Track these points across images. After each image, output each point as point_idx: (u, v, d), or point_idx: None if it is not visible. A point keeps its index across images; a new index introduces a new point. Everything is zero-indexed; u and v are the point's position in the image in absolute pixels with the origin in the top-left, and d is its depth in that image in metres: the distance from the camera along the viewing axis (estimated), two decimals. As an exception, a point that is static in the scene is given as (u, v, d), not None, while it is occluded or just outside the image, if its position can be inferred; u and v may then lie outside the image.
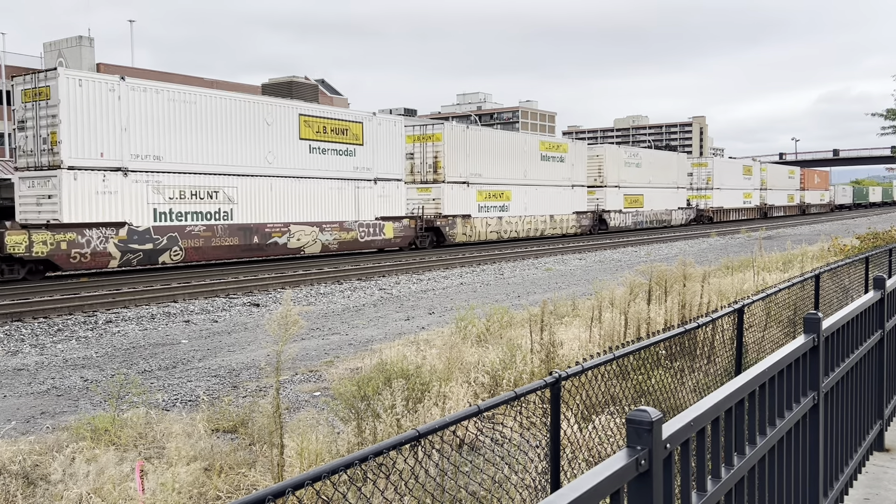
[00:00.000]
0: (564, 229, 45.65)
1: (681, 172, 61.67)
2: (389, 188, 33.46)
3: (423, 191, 37.68)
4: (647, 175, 55.99)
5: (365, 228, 31.96)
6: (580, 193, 47.85)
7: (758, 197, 77.23)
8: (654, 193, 56.97)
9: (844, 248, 21.01)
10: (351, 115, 31.85)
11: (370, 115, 32.71)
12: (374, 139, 32.52)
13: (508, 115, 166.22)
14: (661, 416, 2.11)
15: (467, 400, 7.38)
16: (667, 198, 59.17)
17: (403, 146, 34.66)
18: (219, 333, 13.65)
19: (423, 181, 37.86)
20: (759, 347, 6.61)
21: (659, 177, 57.81)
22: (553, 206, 45.00)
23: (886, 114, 39.56)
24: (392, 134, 33.67)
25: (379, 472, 2.57)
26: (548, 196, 44.50)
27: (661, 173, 58.14)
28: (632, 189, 54.23)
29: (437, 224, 36.36)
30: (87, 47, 53.89)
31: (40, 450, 6.56)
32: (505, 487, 4.02)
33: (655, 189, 57.15)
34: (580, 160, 47.99)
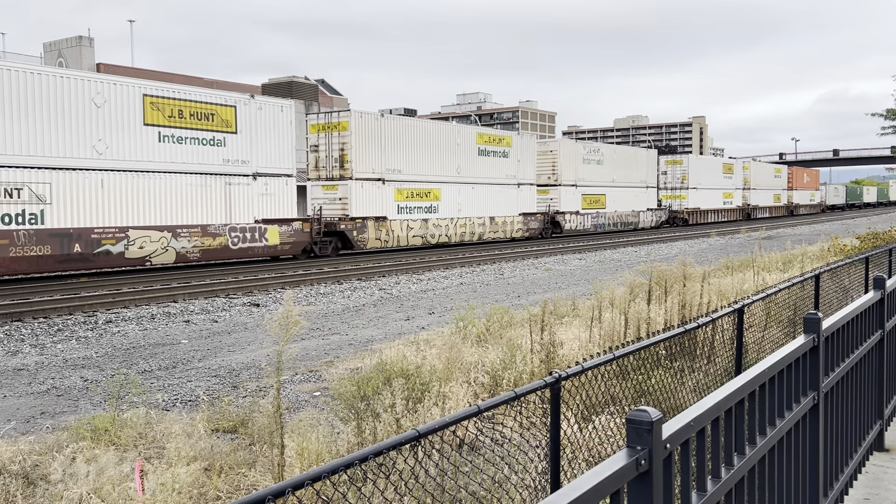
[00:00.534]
0: (509, 233, 40.77)
1: (650, 170, 56.62)
2: (275, 185, 28.01)
3: (328, 189, 32.33)
4: (611, 173, 51.29)
5: (239, 233, 26.43)
6: (528, 193, 42.71)
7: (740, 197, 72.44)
8: (618, 193, 52.13)
9: (844, 248, 21.01)
10: (219, 98, 26.30)
11: (246, 98, 27.18)
12: (252, 126, 27.05)
13: (508, 116, 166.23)
14: (661, 416, 2.11)
15: (467, 400, 7.39)
16: (634, 198, 54.28)
17: (293, 135, 28.96)
18: (219, 333, 13.65)
19: (329, 178, 32.34)
20: (759, 347, 6.61)
21: (624, 175, 53.01)
22: (494, 207, 39.87)
23: (886, 114, 39.56)
24: (278, 121, 28.15)
25: (379, 472, 2.57)
26: (488, 196, 39.41)
27: (627, 171, 53.33)
28: (592, 188, 49.36)
29: (342, 227, 30.95)
30: (87, 47, 53.90)
31: (40, 450, 6.56)
32: (505, 487, 4.02)
33: (620, 188, 52.37)
34: (528, 156, 42.96)
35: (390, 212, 33.59)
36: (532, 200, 43.34)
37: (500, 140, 41.06)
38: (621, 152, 54.14)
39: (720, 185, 67.65)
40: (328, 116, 32.51)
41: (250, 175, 27.13)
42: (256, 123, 27.35)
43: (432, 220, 35.86)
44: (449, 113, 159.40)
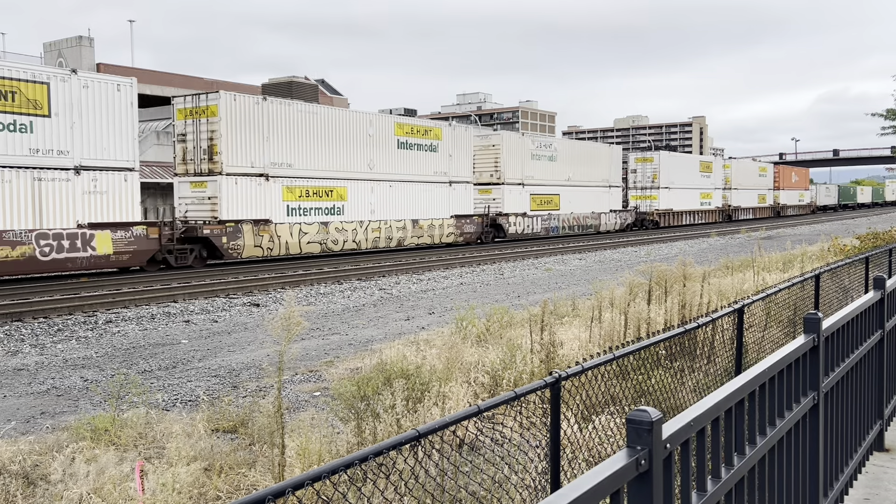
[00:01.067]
0: (438, 237, 35.73)
1: (614, 168, 51.91)
2: (109, 182, 22.87)
3: (196, 186, 26.88)
4: (566, 171, 46.30)
5: (53, 241, 21.35)
6: (462, 192, 37.61)
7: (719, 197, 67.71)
8: (575, 193, 47.12)
9: (844, 248, 21.01)
10: (23, 72, 21.17)
11: (65, 73, 22.11)
12: (73, 109, 21.96)
13: (508, 116, 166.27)
14: (661, 416, 2.11)
15: (467, 400, 7.39)
16: (594, 198, 49.42)
17: (133, 119, 23.52)
18: (219, 333, 13.65)
19: (197, 173, 26.85)
20: (759, 347, 6.61)
21: (583, 173, 48.06)
22: (419, 209, 34.67)
23: (886, 114, 39.56)
24: (113, 102, 22.91)
25: (379, 472, 2.57)
26: (410, 195, 34.29)
27: (585, 169, 48.37)
28: (543, 187, 44.14)
29: (206, 233, 25.53)
30: (87, 47, 53.89)
31: (40, 450, 6.56)
32: (505, 487, 4.02)
33: (577, 188, 47.34)
34: (462, 150, 37.75)
35: (276, 214, 28.16)
36: (468, 201, 38.24)
37: (427, 131, 35.58)
38: (579, 148, 49.48)
39: (697, 185, 63.07)
40: (195, 99, 26.95)
41: (71, 169, 21.98)
42: (80, 105, 22.19)
43: (335, 224, 30.37)
44: (449, 113, 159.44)
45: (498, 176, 41.44)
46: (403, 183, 34.10)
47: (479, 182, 41.05)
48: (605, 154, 51.30)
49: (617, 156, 52.74)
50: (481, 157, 41.40)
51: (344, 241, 30.80)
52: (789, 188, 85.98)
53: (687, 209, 61.08)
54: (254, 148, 27.39)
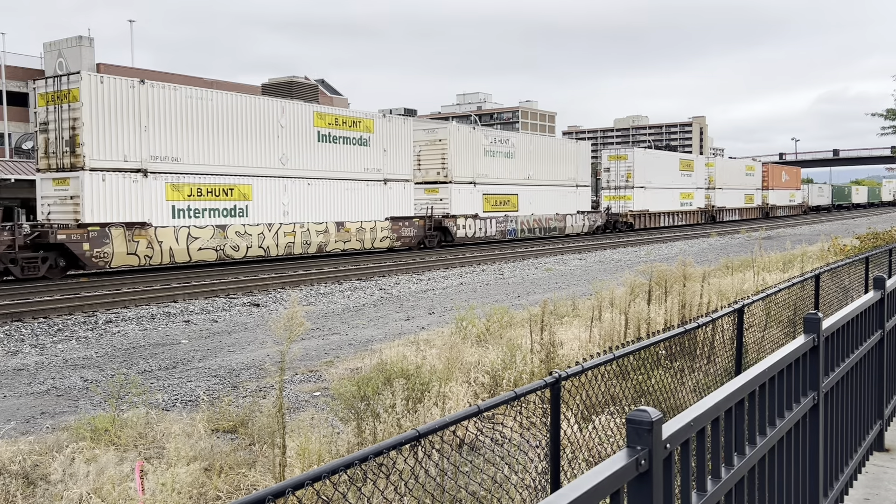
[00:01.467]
0: (368, 242, 31.68)
1: (582, 166, 48.04)
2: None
3: (58, 184, 23.14)
4: (525, 168, 42.39)
5: None
6: (400, 192, 33.50)
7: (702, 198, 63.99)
8: (536, 193, 43.06)
9: (844, 248, 21.01)
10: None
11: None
12: None
13: (508, 116, 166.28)
14: (661, 416, 2.11)
15: (467, 400, 7.39)
16: (560, 199, 45.53)
17: None
18: (219, 333, 13.65)
19: (59, 167, 23.17)
20: (759, 347, 6.61)
21: (546, 171, 44.12)
22: (345, 210, 30.72)
23: (886, 114, 39.56)
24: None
25: (379, 472, 2.57)
26: (334, 195, 30.32)
27: (549, 167, 44.40)
28: (498, 186, 40.31)
29: (62, 238, 21.82)
30: (87, 47, 53.88)
31: (40, 450, 6.56)
32: (505, 487, 4.02)
33: (539, 187, 43.34)
34: (399, 144, 33.54)
35: (158, 216, 24.27)
36: (406, 201, 34.12)
37: (355, 123, 31.24)
38: (541, 144, 45.25)
39: (676, 184, 59.43)
40: (57, 82, 23.21)
41: None
42: None
43: (236, 228, 26.41)
44: (449, 113, 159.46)
45: (446, 174, 37.25)
46: (325, 181, 30.00)
47: (426, 181, 37.18)
48: (571, 151, 47.39)
49: (585, 153, 49.04)
50: (427, 152, 37.37)
51: (248, 247, 26.84)
52: (779, 188, 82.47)
53: (665, 210, 57.42)
54: (128, 139, 23.58)
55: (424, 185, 37.18)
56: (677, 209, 59.74)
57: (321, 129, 29.95)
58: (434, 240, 35.63)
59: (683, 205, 60.89)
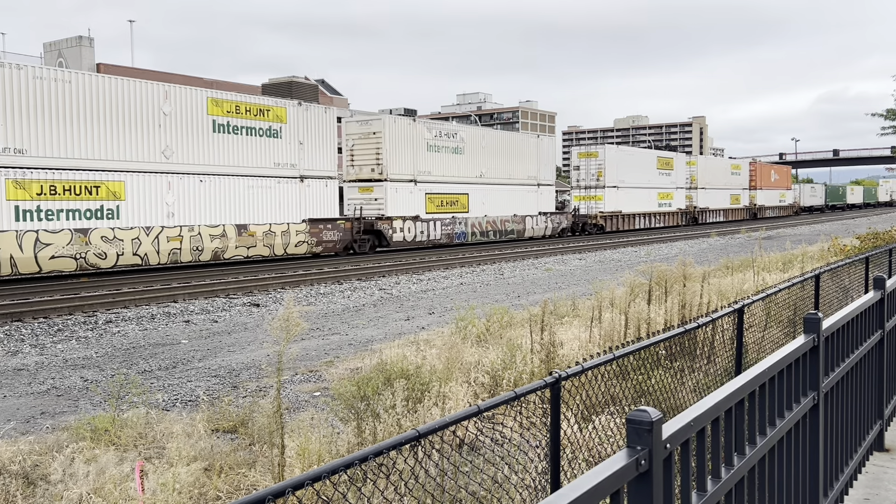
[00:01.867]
0: (280, 247, 27.63)
1: (545, 164, 43.94)
2: None
3: None
4: (477, 165, 38.60)
5: None
6: (321, 190, 29.50)
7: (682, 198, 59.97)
8: (490, 193, 39.26)
9: (844, 248, 21.02)
10: None
11: None
12: None
13: (508, 115, 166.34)
14: (661, 416, 2.11)
15: (467, 400, 7.39)
16: (518, 199, 41.50)
17: None
18: (219, 333, 13.65)
19: None
20: (759, 347, 6.61)
21: (502, 168, 40.33)
22: (249, 212, 26.81)
23: (886, 114, 39.58)
24: None
25: (379, 472, 2.57)
26: (234, 193, 26.34)
27: (506, 164, 40.57)
28: (444, 185, 36.26)
29: None
30: (88, 47, 53.91)
31: (40, 450, 6.56)
32: (505, 487, 4.02)
33: (493, 186, 39.51)
34: (321, 137, 29.35)
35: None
36: (330, 201, 30.16)
37: (262, 111, 27.22)
38: (496, 139, 40.68)
39: (654, 184, 55.55)
40: None
41: None
42: None
43: (102, 232, 22.47)
44: (449, 113, 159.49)
45: (381, 171, 33.16)
46: (223, 177, 25.94)
47: (359, 178, 33.70)
48: (531, 147, 42.90)
49: (547, 149, 44.58)
50: (361, 147, 33.57)
51: (118, 255, 22.90)
52: (768, 187, 78.15)
53: (640, 211, 53.44)
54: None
55: (358, 184, 33.72)
56: (654, 210, 55.57)
57: (218, 118, 25.83)
58: (366, 244, 31.85)
59: (662, 205, 56.76)
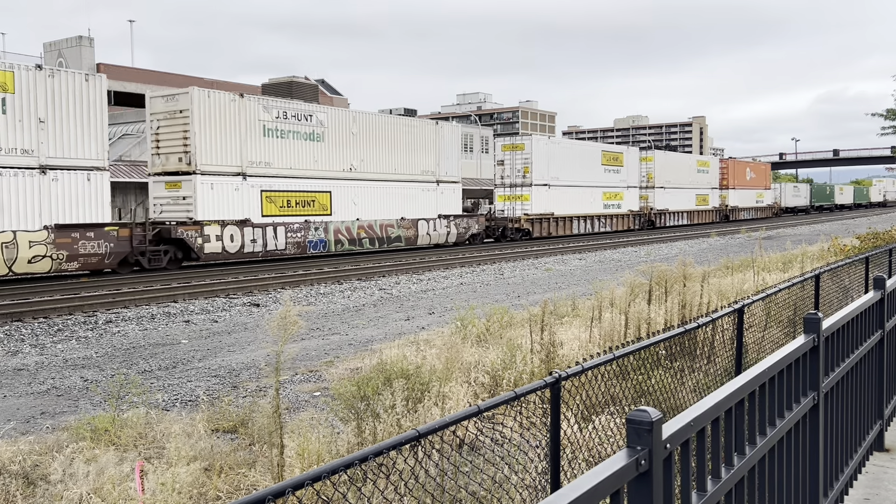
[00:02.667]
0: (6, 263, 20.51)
1: (447, 156, 36.45)
2: None
3: None
4: (345, 157, 30.84)
5: None
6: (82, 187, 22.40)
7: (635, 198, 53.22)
8: (365, 191, 31.74)
9: (844, 248, 21.01)
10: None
11: None
12: None
13: (508, 116, 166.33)
14: (661, 416, 2.11)
15: (467, 400, 7.39)
16: (409, 199, 34.08)
17: None
18: (219, 333, 13.65)
19: None
20: (759, 347, 6.61)
21: (385, 161, 32.56)
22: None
23: (886, 114, 39.57)
24: None
25: (379, 472, 2.57)
26: None
27: (389, 156, 32.81)
28: (292, 181, 28.65)
29: None
30: (87, 47, 53.89)
31: (40, 450, 6.56)
32: (505, 487, 4.02)
33: (371, 183, 32.03)
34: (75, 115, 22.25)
35: None
36: (94, 201, 22.83)
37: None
38: (375, 125, 32.63)
39: (598, 182, 48.68)
40: None
41: None
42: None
43: None
44: (449, 113, 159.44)
45: (189, 161, 25.56)
46: None
47: (164, 171, 26.25)
48: (428, 136, 35.06)
49: (451, 138, 36.97)
50: (166, 130, 26.07)
51: None
52: (742, 187, 70.84)
53: (579, 213, 46.76)
54: None
55: (164, 178, 26.25)
56: (598, 212, 48.85)
57: None
58: (162, 258, 24.80)
59: (608, 207, 49.97)
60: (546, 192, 43.93)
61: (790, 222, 64.06)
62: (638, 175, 54.68)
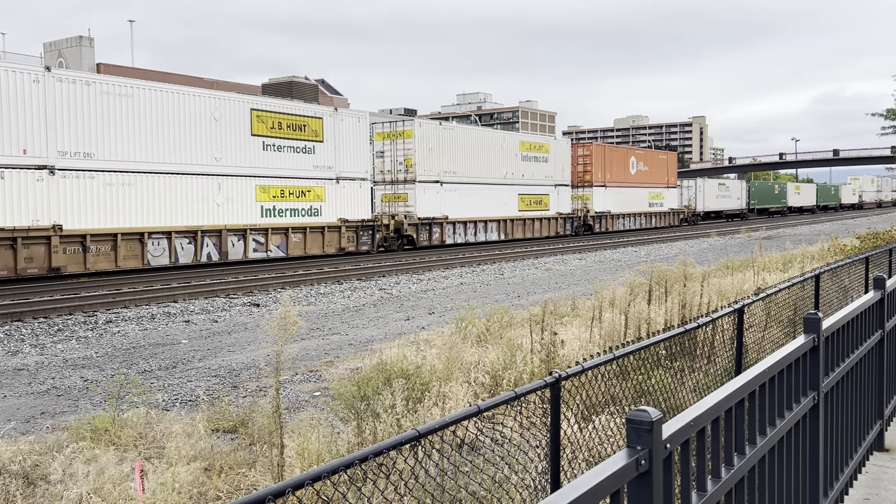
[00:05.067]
0: None
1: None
2: None
3: None
4: None
5: None
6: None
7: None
8: None
9: (844, 248, 21.01)
10: None
11: None
12: None
13: (508, 115, 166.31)
14: (661, 416, 2.11)
15: (467, 400, 7.39)
16: None
17: None
18: (219, 333, 13.64)
19: None
20: (759, 347, 6.61)
21: None
22: None
23: (886, 114, 39.56)
24: None
25: (379, 472, 2.57)
26: None
27: None
28: None
29: None
30: (87, 47, 53.91)
31: (40, 450, 6.56)
32: (505, 487, 4.02)
33: None
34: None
35: None
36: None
37: None
38: None
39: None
40: None
41: None
42: None
43: None
44: (449, 113, 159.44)
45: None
46: None
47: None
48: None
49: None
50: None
51: None
52: (617, 184, 50.21)
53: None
54: None
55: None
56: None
57: None
58: None
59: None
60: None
61: (790, 222, 63.90)
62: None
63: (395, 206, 34.82)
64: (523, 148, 41.45)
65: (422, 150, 34.38)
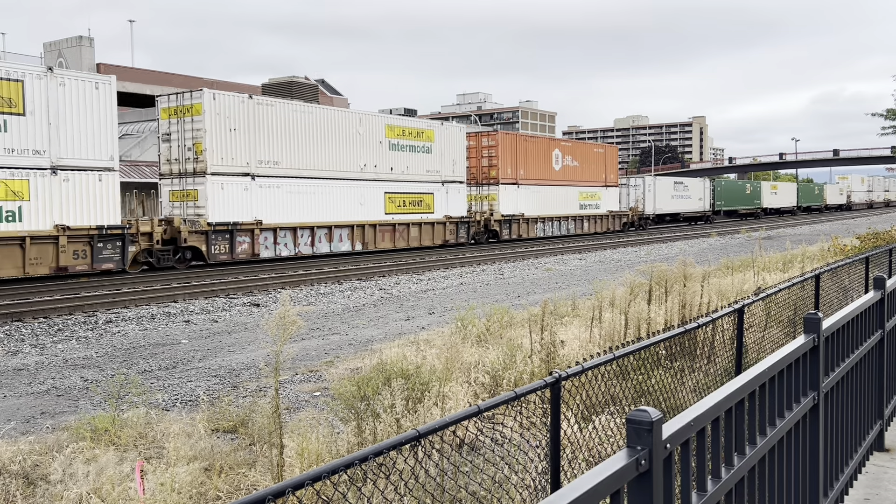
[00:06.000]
0: None
1: None
2: None
3: None
4: None
5: None
6: None
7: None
8: None
9: (844, 248, 21.01)
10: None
11: None
12: None
13: (508, 115, 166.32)
14: (661, 416, 2.11)
15: (467, 400, 7.39)
16: None
17: None
18: (219, 333, 13.64)
19: None
20: (759, 347, 6.61)
21: None
22: None
23: (887, 114, 39.55)
24: None
25: (379, 472, 2.57)
26: None
27: None
28: None
29: None
30: (88, 47, 53.90)
31: (40, 450, 6.56)
32: (505, 487, 4.02)
33: None
34: None
35: None
36: None
37: None
38: None
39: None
40: None
41: None
42: None
43: None
44: (449, 113, 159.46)
45: None
46: None
47: None
48: None
49: None
50: None
51: None
52: (536, 181, 42.28)
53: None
54: None
55: None
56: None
57: None
58: None
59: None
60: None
61: (791, 222, 63.78)
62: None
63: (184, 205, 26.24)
64: (392, 134, 32.53)
65: (218, 132, 25.65)
